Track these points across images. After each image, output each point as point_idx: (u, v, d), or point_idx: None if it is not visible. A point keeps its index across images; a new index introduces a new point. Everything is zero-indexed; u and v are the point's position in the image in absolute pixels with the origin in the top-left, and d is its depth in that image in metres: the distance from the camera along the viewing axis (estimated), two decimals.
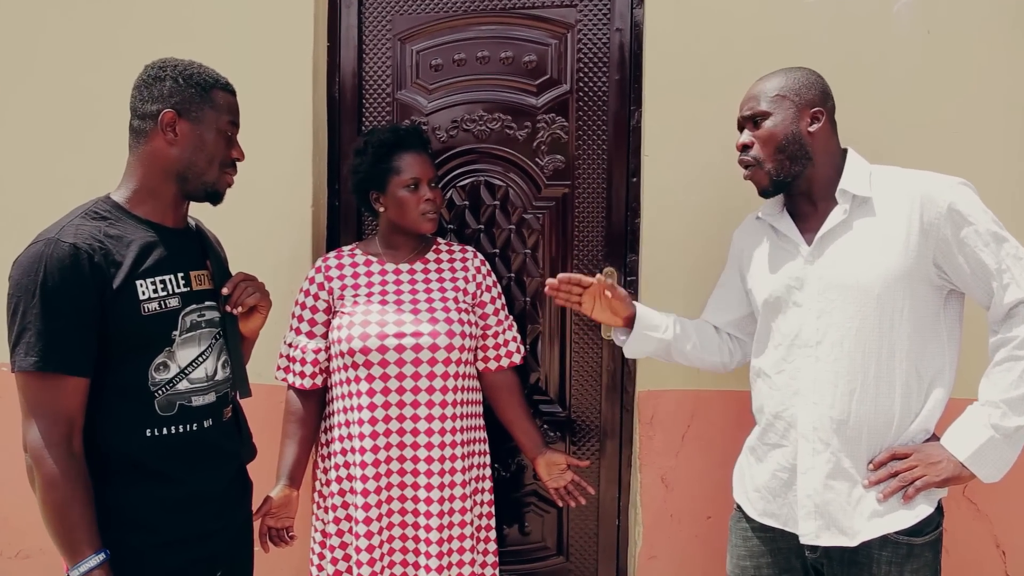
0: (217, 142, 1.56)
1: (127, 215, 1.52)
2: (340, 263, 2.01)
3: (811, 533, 1.56)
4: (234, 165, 1.63)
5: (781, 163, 1.59)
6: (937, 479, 1.49)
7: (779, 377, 1.63)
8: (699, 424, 2.11)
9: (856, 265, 1.53)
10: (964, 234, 1.48)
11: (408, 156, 1.94)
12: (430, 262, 2.01)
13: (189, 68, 1.55)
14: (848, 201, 1.56)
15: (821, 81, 1.63)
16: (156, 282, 1.51)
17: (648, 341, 1.82)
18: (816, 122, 1.59)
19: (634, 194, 2.18)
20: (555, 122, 2.23)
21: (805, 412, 1.58)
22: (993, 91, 1.93)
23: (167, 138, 1.52)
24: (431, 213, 1.94)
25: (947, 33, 1.95)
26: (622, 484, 2.27)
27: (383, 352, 1.85)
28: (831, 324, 1.55)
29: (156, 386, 1.51)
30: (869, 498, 1.53)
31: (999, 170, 1.93)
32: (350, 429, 1.90)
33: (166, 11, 2.36)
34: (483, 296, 2.02)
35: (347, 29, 2.33)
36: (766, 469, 1.65)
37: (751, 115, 1.62)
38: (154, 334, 1.50)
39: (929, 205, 1.50)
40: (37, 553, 2.57)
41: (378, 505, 1.88)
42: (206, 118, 1.54)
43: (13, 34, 2.48)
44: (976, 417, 1.50)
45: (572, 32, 2.21)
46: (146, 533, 1.49)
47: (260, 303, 1.69)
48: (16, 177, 2.50)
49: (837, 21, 1.99)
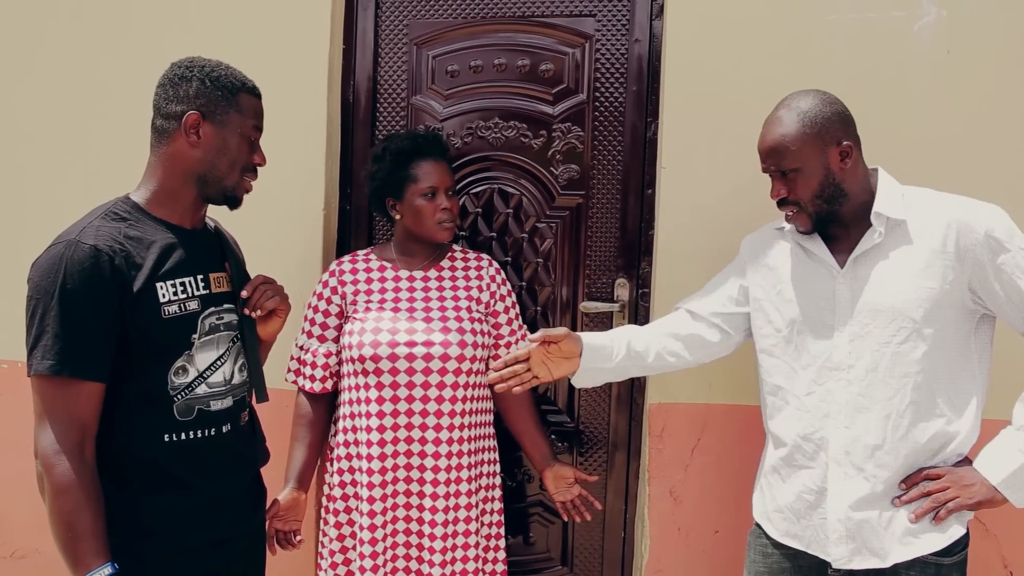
0: (240, 147, 1.54)
1: (147, 216, 1.50)
2: (354, 267, 1.99)
3: (843, 557, 1.55)
4: (255, 170, 1.61)
5: (820, 207, 1.55)
6: (970, 502, 1.48)
7: (808, 399, 1.60)
8: (709, 438, 2.10)
9: (891, 288, 1.52)
10: (1001, 260, 1.47)
11: (426, 164, 1.93)
12: (444, 269, 2.00)
13: (216, 69, 1.53)
14: (883, 224, 1.54)
15: (838, 106, 1.56)
16: (176, 284, 1.49)
17: (599, 372, 1.72)
18: (846, 157, 1.54)
19: (649, 205, 2.18)
20: (571, 131, 2.23)
21: (837, 436, 1.56)
22: (1011, 112, 1.94)
23: (190, 140, 1.50)
24: (447, 222, 1.93)
25: (967, 54, 1.95)
26: (629, 496, 2.26)
27: (394, 360, 1.83)
28: (865, 348, 1.53)
29: (175, 390, 1.49)
30: (900, 518, 1.52)
31: (1015, 190, 1.93)
32: (357, 435, 1.88)
33: (180, 13, 2.34)
34: (496, 305, 2.01)
35: (363, 33, 2.32)
36: (791, 490, 1.63)
37: (777, 171, 1.57)
38: (174, 337, 1.48)
39: (965, 231, 1.49)
40: (32, 553, 2.54)
41: (383, 512, 1.86)
42: (231, 122, 1.52)
43: (18, 31, 2.46)
44: (1010, 441, 1.50)
45: (590, 42, 2.20)
46: (164, 541, 1.47)
47: (279, 306, 1.67)
48: (20, 175, 2.48)
49: (857, 37, 1.99)
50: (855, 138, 1.57)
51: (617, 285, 2.21)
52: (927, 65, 1.97)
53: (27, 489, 2.42)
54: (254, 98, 1.58)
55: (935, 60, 1.97)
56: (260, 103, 1.60)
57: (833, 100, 1.56)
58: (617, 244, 2.22)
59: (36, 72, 2.45)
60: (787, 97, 1.59)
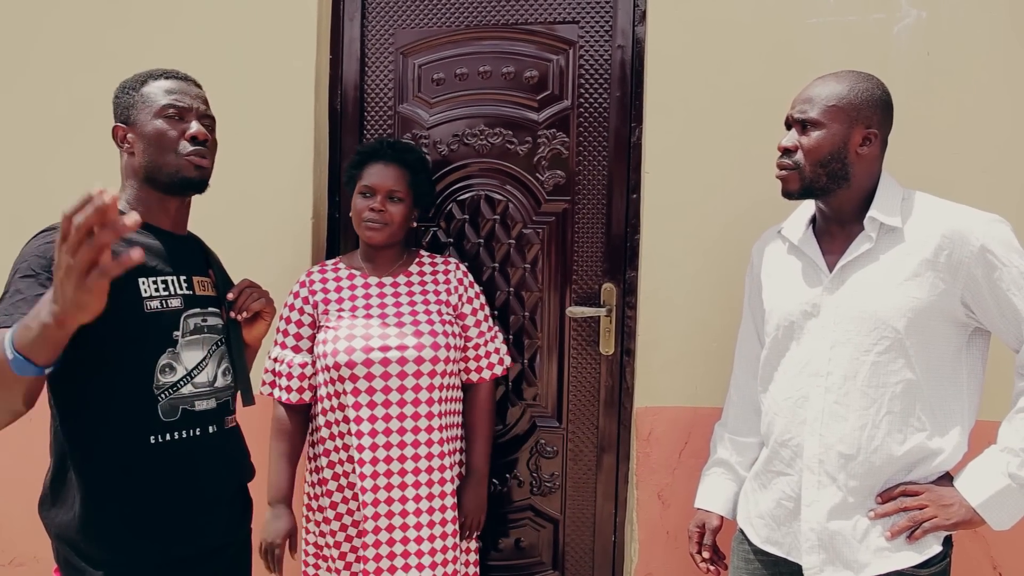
0: (160, 131, 1.52)
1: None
2: (324, 276, 2.01)
3: (815, 567, 1.53)
4: (199, 144, 1.55)
5: (818, 176, 1.52)
6: (947, 523, 1.45)
7: (786, 403, 1.58)
8: (696, 441, 2.11)
9: (876, 297, 1.48)
10: (996, 276, 1.43)
11: (375, 166, 1.96)
12: (413, 275, 2.01)
13: (129, 80, 1.57)
14: (876, 230, 1.51)
15: (886, 99, 1.54)
16: (158, 281, 1.51)
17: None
18: (867, 144, 1.51)
19: (634, 210, 2.19)
20: (556, 137, 2.24)
21: (812, 442, 1.54)
22: (990, 113, 1.94)
23: (126, 150, 1.56)
24: (373, 223, 1.93)
25: (946, 55, 1.96)
26: (619, 500, 2.26)
27: (368, 366, 1.85)
28: (844, 356, 1.51)
29: (160, 389, 1.49)
30: (876, 531, 1.49)
31: (995, 190, 1.93)
32: (345, 439, 1.89)
33: (168, 24, 2.36)
34: (464, 307, 2.02)
35: (350, 42, 2.34)
36: (770, 497, 1.62)
37: (801, 119, 1.53)
38: (155, 332, 1.49)
39: (960, 242, 1.44)
40: (31, 560, 2.57)
41: (376, 518, 1.87)
42: (141, 113, 1.53)
43: (6, 36, 2.49)
44: (993, 463, 1.46)
45: (574, 48, 2.22)
46: (154, 546, 1.48)
47: (265, 309, 1.68)
48: (6, 178, 2.51)
49: (839, 40, 2.00)
50: (884, 135, 1.55)
51: (603, 290, 2.22)
52: (907, 66, 1.98)
53: (25, 496, 2.45)
54: (163, 80, 1.56)
55: (915, 61, 1.97)
56: (175, 82, 1.57)
57: (886, 93, 1.54)
58: (603, 249, 2.23)
59: (24, 78, 2.49)
60: (851, 70, 1.57)
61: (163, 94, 1.54)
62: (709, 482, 1.81)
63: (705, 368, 2.10)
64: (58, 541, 1.49)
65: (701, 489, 1.82)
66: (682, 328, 2.10)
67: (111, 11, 2.40)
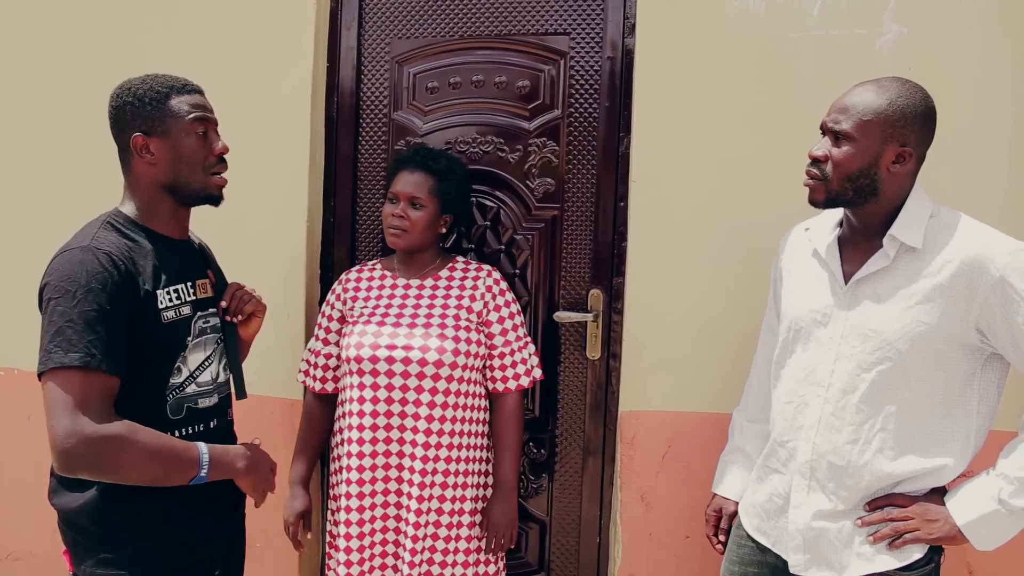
0: (192, 147, 1.57)
1: (139, 228, 1.58)
2: (359, 276, 2.11)
3: (800, 565, 1.57)
4: (222, 161, 1.63)
5: (844, 190, 1.49)
6: (929, 537, 1.47)
7: (787, 407, 1.61)
8: (679, 445, 2.15)
9: (884, 317, 1.47)
10: (1012, 309, 1.40)
11: (402, 173, 2.03)
12: (442, 279, 2.06)
13: (143, 85, 1.56)
14: (895, 248, 1.48)
15: (927, 114, 1.47)
16: (171, 291, 1.57)
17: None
18: (900, 162, 1.47)
19: (621, 218, 2.23)
20: (546, 146, 2.29)
21: (805, 449, 1.56)
22: (971, 126, 1.98)
23: (145, 160, 1.56)
24: (395, 229, 2.00)
25: (927, 70, 1.99)
26: (604, 502, 2.30)
27: (375, 362, 1.91)
28: (846, 370, 1.51)
29: (168, 390, 1.57)
30: (860, 536, 1.52)
31: (975, 202, 1.97)
32: (349, 434, 1.94)
33: (165, 31, 2.42)
34: (490, 315, 2.03)
35: (347, 50, 2.39)
36: (764, 490, 1.66)
37: (834, 130, 1.49)
38: (173, 341, 1.57)
39: (979, 270, 1.41)
40: (28, 556, 2.61)
41: (360, 511, 1.93)
42: (172, 128, 1.55)
43: (12, 32, 2.55)
44: (986, 487, 1.46)
45: (565, 59, 2.27)
46: (155, 537, 1.54)
47: (256, 308, 1.78)
48: (17, 183, 2.57)
49: (822, 55, 2.04)
50: (921, 152, 1.50)
51: (590, 295, 2.26)
52: None
53: (22, 492, 2.50)
54: (188, 94, 1.59)
55: (897, 76, 2.01)
56: (198, 96, 1.61)
57: (929, 107, 1.48)
58: (590, 255, 2.27)
59: (21, 79, 2.55)
60: (896, 77, 1.51)
61: (191, 108, 1.57)
62: (727, 469, 1.86)
63: (688, 373, 2.14)
64: (66, 525, 1.56)
65: (719, 475, 1.88)
66: (667, 334, 2.14)
67: (108, 17, 2.47)
